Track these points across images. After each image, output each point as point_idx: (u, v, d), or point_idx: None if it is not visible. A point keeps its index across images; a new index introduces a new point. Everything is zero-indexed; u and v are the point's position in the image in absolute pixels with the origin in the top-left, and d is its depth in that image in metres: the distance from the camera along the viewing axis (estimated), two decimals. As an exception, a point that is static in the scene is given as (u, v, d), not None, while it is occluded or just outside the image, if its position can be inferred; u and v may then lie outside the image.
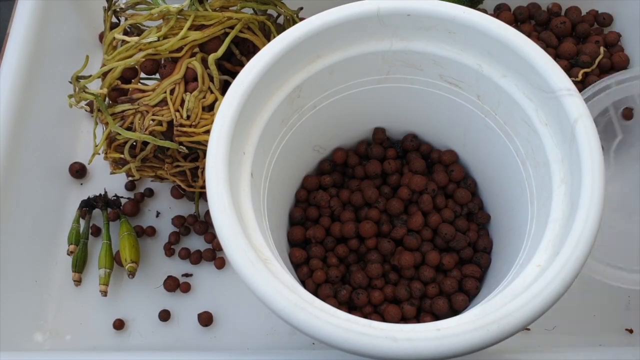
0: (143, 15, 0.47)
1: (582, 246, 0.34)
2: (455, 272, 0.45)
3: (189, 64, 0.45)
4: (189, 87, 0.45)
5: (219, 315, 0.50)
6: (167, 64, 0.46)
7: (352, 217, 0.47)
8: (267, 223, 0.41)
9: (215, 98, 0.45)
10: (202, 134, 0.44)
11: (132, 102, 0.45)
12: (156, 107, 0.45)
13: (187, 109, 0.44)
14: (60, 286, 0.52)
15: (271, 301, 0.33)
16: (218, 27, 0.46)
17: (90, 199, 0.53)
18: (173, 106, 0.44)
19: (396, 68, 0.44)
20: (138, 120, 0.45)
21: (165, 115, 0.44)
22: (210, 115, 0.45)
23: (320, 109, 0.45)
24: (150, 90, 0.46)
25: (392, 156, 0.49)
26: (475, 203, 0.48)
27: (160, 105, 0.45)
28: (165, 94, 0.45)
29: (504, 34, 0.39)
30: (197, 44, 0.46)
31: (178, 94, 0.45)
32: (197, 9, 0.46)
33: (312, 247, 0.46)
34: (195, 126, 0.44)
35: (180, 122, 0.44)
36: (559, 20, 0.58)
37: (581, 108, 0.37)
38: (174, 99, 0.45)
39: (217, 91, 0.45)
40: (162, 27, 0.46)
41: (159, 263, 0.53)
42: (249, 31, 0.48)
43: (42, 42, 0.54)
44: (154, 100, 0.45)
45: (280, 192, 0.46)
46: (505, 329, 0.32)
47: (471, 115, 0.45)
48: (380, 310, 0.44)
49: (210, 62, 0.45)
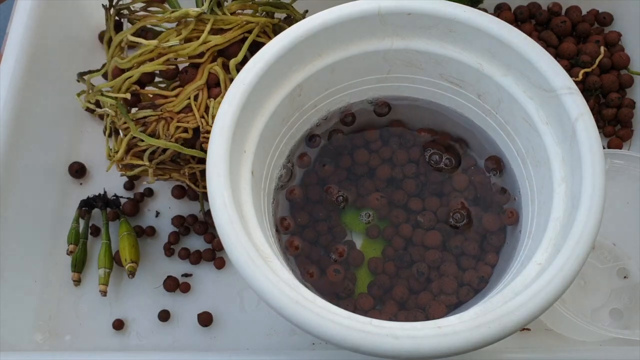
0: (158, 17, 0.46)
1: (583, 245, 0.34)
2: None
3: (211, 69, 0.45)
4: (212, 92, 0.45)
5: (219, 316, 0.50)
6: (189, 69, 0.46)
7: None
8: (267, 221, 0.41)
9: None
10: None
11: (154, 108, 0.45)
12: (180, 114, 0.44)
13: (213, 115, 0.44)
14: (59, 286, 0.52)
15: (272, 299, 0.33)
16: (238, 31, 0.46)
17: (90, 199, 0.53)
18: (198, 112, 0.44)
19: (397, 67, 0.44)
20: (162, 127, 0.44)
21: (190, 122, 0.44)
22: None
23: (320, 108, 0.45)
24: (173, 96, 0.45)
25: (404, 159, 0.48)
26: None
27: (184, 112, 0.44)
28: (190, 100, 0.44)
29: (505, 33, 0.39)
30: (219, 48, 0.46)
31: (202, 100, 0.44)
32: (216, 13, 0.45)
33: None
34: None
35: (206, 129, 0.43)
36: (559, 20, 0.58)
37: (582, 107, 0.37)
38: (198, 105, 0.44)
39: None
40: (182, 31, 0.45)
41: (158, 263, 0.52)
42: (264, 35, 0.47)
43: (41, 42, 0.54)
44: (178, 107, 0.44)
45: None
46: (506, 327, 0.32)
47: (472, 114, 0.45)
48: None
49: (232, 67, 0.45)
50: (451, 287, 0.42)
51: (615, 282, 0.49)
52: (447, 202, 0.45)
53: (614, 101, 0.55)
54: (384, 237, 0.44)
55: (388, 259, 0.44)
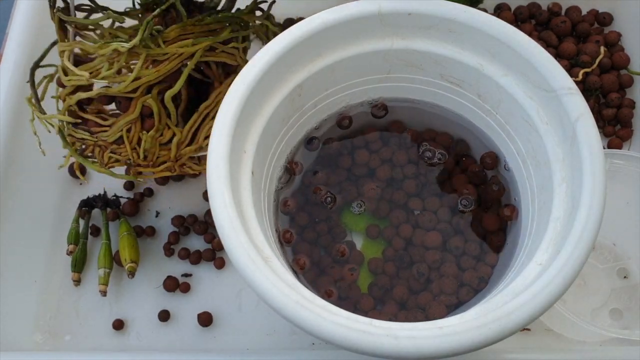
0: (91, 47, 0.44)
1: (584, 245, 0.34)
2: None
3: (145, 103, 0.44)
4: (146, 124, 0.45)
5: (219, 316, 0.50)
6: (122, 100, 0.45)
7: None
8: (267, 221, 0.41)
9: (173, 133, 0.45)
10: (161, 171, 0.46)
11: (90, 134, 0.45)
12: (114, 145, 0.45)
13: (144, 148, 0.44)
14: (59, 286, 0.52)
15: (272, 299, 0.33)
16: (174, 62, 0.44)
17: (90, 199, 0.53)
18: (130, 145, 0.44)
19: (397, 67, 0.44)
20: (98, 154, 0.45)
21: (122, 154, 0.45)
22: (167, 150, 0.45)
23: (321, 108, 0.45)
24: (108, 125, 0.45)
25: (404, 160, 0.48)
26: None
27: (117, 143, 0.45)
28: (122, 132, 0.44)
29: (505, 33, 0.39)
30: (152, 83, 0.44)
31: (134, 133, 0.44)
32: (149, 46, 0.43)
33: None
34: (153, 165, 0.45)
35: (137, 162, 0.45)
36: (559, 20, 0.58)
37: (582, 107, 0.37)
38: (130, 138, 0.44)
39: (175, 127, 0.45)
40: (115, 64, 0.43)
41: (158, 263, 0.52)
42: (216, 53, 0.45)
43: (41, 42, 0.53)
44: (112, 137, 0.45)
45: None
46: (507, 327, 0.32)
47: (472, 114, 0.45)
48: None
49: (167, 100, 0.44)
50: (451, 288, 0.42)
51: (615, 282, 0.49)
52: (452, 189, 0.45)
53: (614, 101, 0.55)
54: (384, 238, 0.44)
55: (388, 259, 0.44)
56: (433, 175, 0.46)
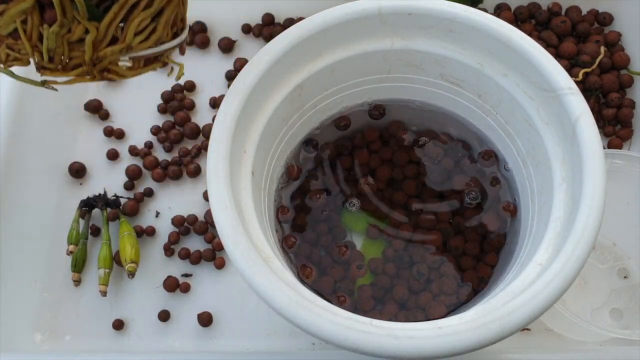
0: None
1: (584, 245, 0.34)
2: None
3: None
4: (46, 16, 0.34)
5: (219, 316, 0.50)
6: None
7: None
8: (267, 222, 0.41)
9: (85, 29, 0.35)
10: (75, 76, 0.36)
11: None
12: (9, 39, 0.35)
13: (47, 47, 0.35)
14: (59, 286, 0.51)
15: (272, 299, 0.33)
16: None
17: (90, 199, 0.53)
18: (29, 42, 0.35)
19: (397, 67, 0.44)
20: None
21: (22, 52, 0.35)
22: (82, 51, 0.35)
23: (321, 108, 0.45)
24: None
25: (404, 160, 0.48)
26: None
27: (14, 37, 0.35)
28: (17, 23, 0.34)
29: (505, 33, 0.39)
30: None
31: (32, 26, 0.34)
32: None
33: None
34: (65, 69, 0.36)
35: (41, 65, 0.35)
36: (559, 20, 0.58)
37: (582, 107, 0.37)
38: (28, 32, 0.34)
39: (86, 20, 0.34)
40: None
41: (158, 263, 0.52)
42: None
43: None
44: (5, 30, 0.35)
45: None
46: (507, 327, 0.32)
47: (472, 114, 0.45)
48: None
49: None
50: (451, 288, 0.42)
51: (615, 282, 0.49)
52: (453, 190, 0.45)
53: (614, 101, 0.55)
54: (384, 238, 0.44)
55: (388, 259, 0.44)
56: (433, 176, 0.46)
